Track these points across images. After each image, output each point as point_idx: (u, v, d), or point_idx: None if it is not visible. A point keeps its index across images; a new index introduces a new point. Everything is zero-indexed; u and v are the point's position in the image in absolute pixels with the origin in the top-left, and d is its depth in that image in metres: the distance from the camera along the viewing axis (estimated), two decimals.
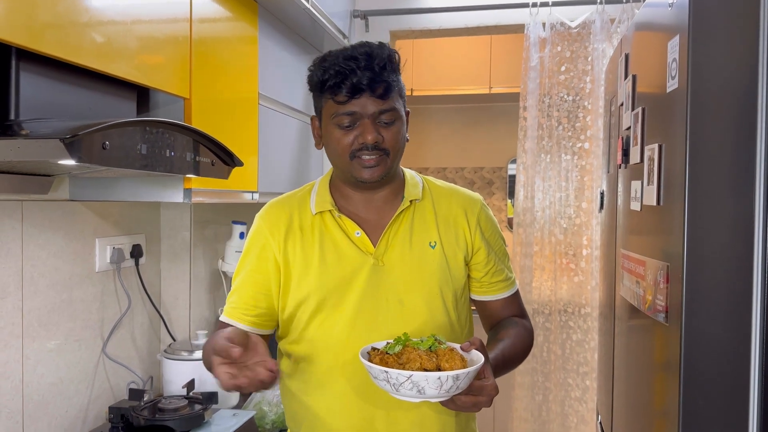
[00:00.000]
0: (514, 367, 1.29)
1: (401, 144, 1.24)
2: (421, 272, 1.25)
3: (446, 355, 1.03)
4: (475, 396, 1.04)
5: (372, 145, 1.18)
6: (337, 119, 1.20)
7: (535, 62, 2.80)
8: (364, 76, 1.15)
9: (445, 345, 1.06)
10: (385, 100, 1.18)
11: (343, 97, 1.17)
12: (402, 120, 1.23)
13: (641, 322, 1.41)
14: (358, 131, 1.19)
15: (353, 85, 1.16)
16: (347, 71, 1.16)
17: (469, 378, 1.01)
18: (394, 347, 1.05)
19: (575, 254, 2.83)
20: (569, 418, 2.83)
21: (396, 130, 1.21)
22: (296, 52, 2.39)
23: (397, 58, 1.22)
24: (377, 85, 1.17)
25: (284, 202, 1.33)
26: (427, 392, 0.99)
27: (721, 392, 1.09)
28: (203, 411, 1.76)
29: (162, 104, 1.65)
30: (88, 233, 1.79)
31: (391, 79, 1.19)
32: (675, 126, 1.16)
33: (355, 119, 1.19)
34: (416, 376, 0.98)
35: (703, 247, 1.09)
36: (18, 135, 1.07)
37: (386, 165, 1.22)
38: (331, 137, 1.22)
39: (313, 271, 1.24)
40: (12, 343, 1.53)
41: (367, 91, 1.17)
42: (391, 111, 1.19)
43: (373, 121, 1.19)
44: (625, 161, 1.61)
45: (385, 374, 1.00)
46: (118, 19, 1.34)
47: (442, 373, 0.98)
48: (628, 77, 1.60)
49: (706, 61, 1.08)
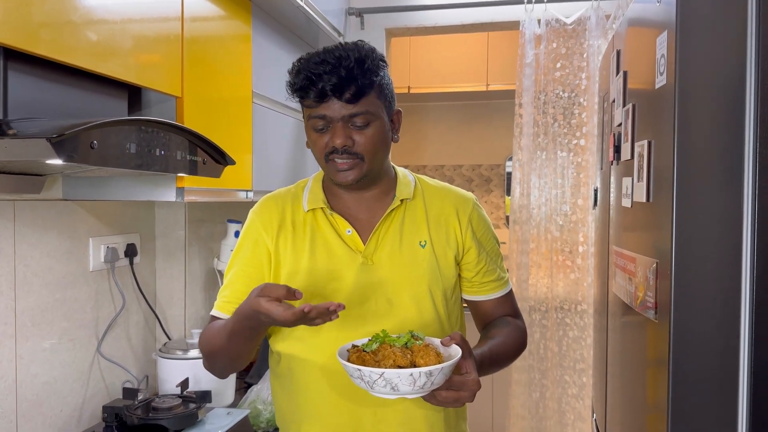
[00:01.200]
0: (503, 365, 1.28)
1: (378, 146, 1.21)
2: (411, 271, 1.25)
3: (421, 351, 1.03)
4: (456, 391, 1.04)
5: (341, 149, 1.17)
6: (311, 122, 1.20)
7: (530, 59, 2.80)
8: (330, 81, 1.14)
9: (421, 341, 1.06)
10: (355, 104, 1.16)
11: (311, 102, 1.17)
12: (380, 121, 1.20)
13: (633, 318, 1.41)
14: (330, 134, 1.18)
15: (319, 90, 1.15)
16: (314, 77, 1.15)
17: (444, 374, 1.01)
18: (371, 345, 1.06)
19: (571, 251, 2.83)
20: (566, 415, 2.83)
21: (371, 134, 1.19)
22: (291, 50, 2.39)
23: (373, 59, 1.18)
24: (345, 89, 1.15)
25: (278, 198, 1.33)
26: (401, 389, 0.99)
27: (710, 388, 1.09)
28: (197, 410, 1.76)
29: (154, 103, 1.65)
30: (82, 232, 1.79)
31: (364, 81, 1.16)
32: (663, 122, 1.16)
33: (327, 123, 1.18)
34: (388, 374, 0.98)
35: (692, 244, 1.09)
36: (5, 135, 1.07)
37: (361, 169, 1.20)
38: (310, 139, 1.23)
39: (302, 269, 1.24)
40: (5, 342, 1.53)
41: (333, 96, 1.15)
42: (363, 114, 1.17)
43: (344, 125, 1.17)
44: (616, 158, 1.61)
45: (359, 372, 1.00)
46: (110, 18, 1.34)
47: (414, 370, 0.98)
48: (620, 73, 1.60)
49: (693, 57, 1.08)
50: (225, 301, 1.29)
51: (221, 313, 1.28)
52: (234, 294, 1.28)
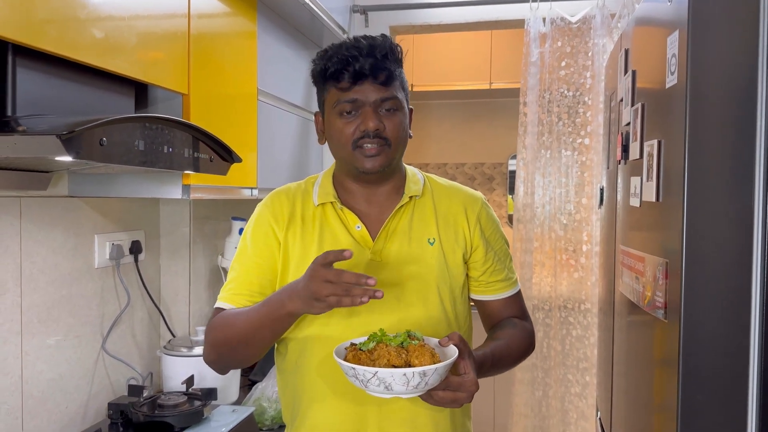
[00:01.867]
0: (507, 367, 1.28)
1: (403, 135, 1.24)
2: (419, 268, 1.25)
3: (416, 351, 1.02)
4: (454, 392, 1.04)
5: (373, 132, 1.19)
6: (339, 107, 1.20)
7: (535, 57, 2.79)
8: (367, 62, 1.17)
9: (417, 341, 1.05)
10: (387, 88, 1.19)
11: (346, 83, 1.18)
12: (404, 111, 1.24)
13: (640, 318, 1.40)
14: (360, 119, 1.19)
15: (356, 71, 1.17)
16: (350, 58, 1.17)
17: (439, 374, 1.00)
18: (367, 344, 1.05)
19: (575, 250, 2.82)
20: (569, 414, 2.83)
21: (398, 121, 1.22)
22: (296, 48, 2.38)
23: (399, 51, 1.23)
24: (379, 72, 1.18)
25: (288, 192, 1.33)
26: (395, 388, 0.99)
27: (719, 388, 1.09)
28: (202, 407, 1.76)
29: (160, 100, 1.64)
30: (88, 229, 1.79)
31: (394, 68, 1.20)
32: (674, 122, 1.15)
33: (357, 106, 1.19)
34: (382, 373, 0.98)
35: (702, 243, 1.09)
36: (15, 131, 1.07)
37: (388, 155, 1.22)
38: (334, 128, 1.23)
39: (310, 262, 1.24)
40: (11, 339, 1.53)
41: (370, 77, 1.18)
42: (392, 99, 1.20)
43: (374, 109, 1.19)
44: (624, 157, 1.60)
45: (353, 371, 1.00)
46: (116, 15, 1.33)
47: (408, 370, 0.97)
48: (628, 73, 1.60)
49: (705, 56, 1.08)
50: (233, 293, 1.26)
51: (229, 305, 1.25)
52: (244, 285, 1.26)
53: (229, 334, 1.20)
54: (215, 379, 1.85)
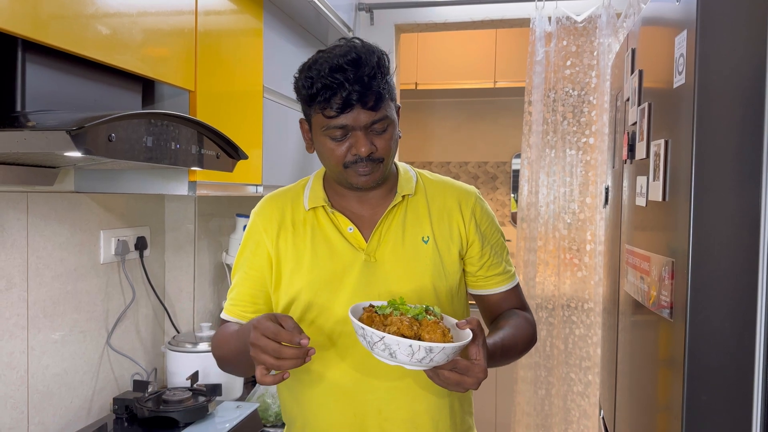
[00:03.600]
0: (514, 357, 1.27)
1: (394, 147, 1.22)
2: (414, 267, 1.24)
3: (429, 327, 1.02)
4: (461, 375, 1.03)
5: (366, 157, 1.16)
6: (328, 132, 1.16)
7: (540, 57, 2.79)
8: (354, 90, 1.11)
9: (433, 318, 1.05)
10: (377, 111, 1.14)
11: (333, 112, 1.13)
12: (394, 123, 1.20)
13: (645, 317, 1.41)
14: (351, 142, 1.16)
15: (344, 100, 1.11)
16: (335, 85, 1.11)
17: (446, 353, 0.99)
18: (384, 309, 1.06)
19: (579, 249, 2.82)
20: (571, 413, 2.83)
21: (388, 137, 1.19)
22: (301, 45, 2.39)
23: (386, 60, 1.17)
24: (368, 98, 1.12)
25: (278, 198, 1.32)
26: (399, 357, 0.99)
27: (725, 388, 1.09)
28: (207, 403, 1.77)
29: (167, 96, 1.65)
30: (93, 225, 1.79)
31: (382, 87, 1.14)
32: (681, 121, 1.16)
33: (346, 131, 1.15)
34: (389, 339, 0.98)
35: (709, 243, 1.09)
36: (24, 126, 1.07)
37: (381, 171, 1.20)
38: (324, 147, 1.19)
39: (304, 268, 1.24)
40: (17, 333, 1.54)
41: (358, 105, 1.12)
42: (383, 120, 1.16)
43: (365, 133, 1.15)
44: (630, 157, 1.60)
45: (363, 331, 1.01)
46: (124, 11, 1.34)
47: (415, 342, 0.97)
48: (635, 72, 1.60)
49: (713, 56, 1.08)
50: (232, 305, 1.30)
51: (230, 316, 1.30)
52: (238, 297, 1.30)
53: (222, 353, 1.26)
54: (219, 375, 1.86)
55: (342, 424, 1.23)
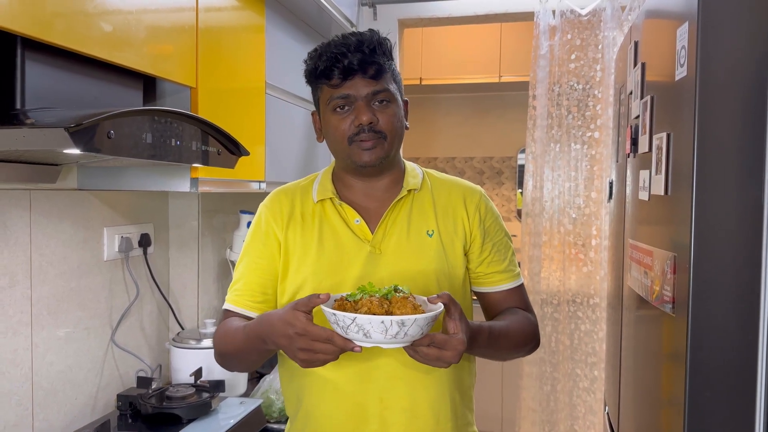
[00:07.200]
0: (505, 350, 1.27)
1: (398, 127, 1.25)
2: (418, 260, 1.25)
3: (398, 303, 1.04)
4: (439, 349, 1.04)
5: (368, 126, 1.20)
6: (332, 103, 1.22)
7: (544, 50, 2.78)
8: (355, 58, 1.19)
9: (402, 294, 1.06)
10: (378, 81, 1.21)
11: (336, 80, 1.21)
12: (397, 104, 1.25)
13: (648, 312, 1.40)
14: (354, 114, 1.21)
15: (345, 67, 1.19)
16: (338, 55, 1.19)
17: (419, 325, 1.00)
18: (354, 295, 1.07)
19: (584, 244, 2.81)
20: (577, 408, 2.83)
21: (391, 113, 1.23)
22: (303, 41, 2.38)
23: (388, 44, 1.24)
24: (368, 66, 1.20)
25: (287, 191, 1.35)
26: (374, 336, 0.99)
27: (727, 383, 1.08)
28: (210, 399, 1.77)
29: (168, 93, 1.65)
30: (97, 222, 1.80)
31: (383, 62, 1.22)
32: (683, 114, 1.15)
33: (349, 102, 1.21)
34: (360, 319, 0.99)
35: (711, 237, 1.08)
36: (23, 124, 1.08)
37: (384, 148, 1.23)
38: (330, 124, 1.25)
39: (310, 258, 1.26)
40: (21, 331, 1.55)
41: (359, 72, 1.20)
42: (384, 92, 1.22)
43: (367, 103, 1.21)
44: (633, 150, 1.59)
45: (334, 317, 1.01)
46: (125, 8, 1.34)
47: (386, 318, 0.98)
48: (638, 65, 1.58)
49: (715, 48, 1.07)
50: (238, 295, 1.31)
51: (235, 306, 1.30)
52: (247, 287, 1.30)
53: (226, 347, 1.26)
54: (223, 372, 1.84)
55: (343, 412, 1.24)
